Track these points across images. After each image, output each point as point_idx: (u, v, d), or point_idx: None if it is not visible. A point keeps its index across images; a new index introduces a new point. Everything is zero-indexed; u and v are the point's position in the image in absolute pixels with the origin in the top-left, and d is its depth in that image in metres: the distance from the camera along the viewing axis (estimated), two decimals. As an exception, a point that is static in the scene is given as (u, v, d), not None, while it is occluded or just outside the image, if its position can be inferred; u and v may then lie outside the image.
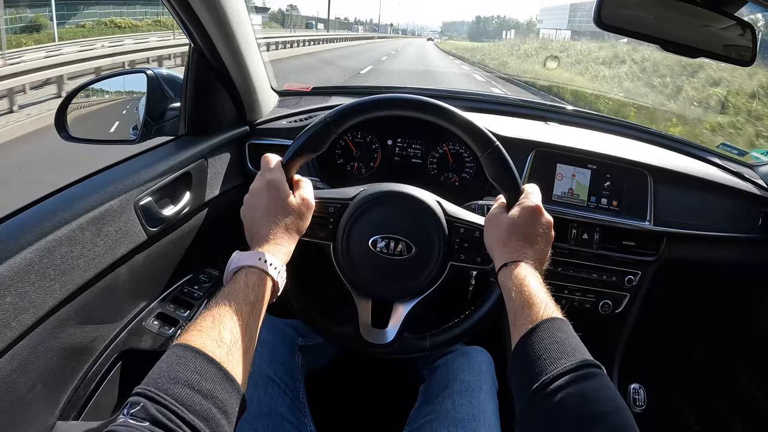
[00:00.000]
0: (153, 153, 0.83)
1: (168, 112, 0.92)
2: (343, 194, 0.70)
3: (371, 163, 1.06)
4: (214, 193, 0.93)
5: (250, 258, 0.55)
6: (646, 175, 0.96)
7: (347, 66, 12.74)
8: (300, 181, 0.65)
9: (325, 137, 0.66)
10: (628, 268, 0.97)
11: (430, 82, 10.44)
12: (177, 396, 0.39)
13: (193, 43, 0.84)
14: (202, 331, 0.45)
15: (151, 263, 0.80)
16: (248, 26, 0.88)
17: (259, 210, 0.60)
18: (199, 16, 0.77)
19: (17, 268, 0.55)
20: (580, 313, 0.98)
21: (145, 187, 0.75)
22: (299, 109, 1.08)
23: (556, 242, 0.93)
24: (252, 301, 0.51)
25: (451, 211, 0.70)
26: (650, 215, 0.95)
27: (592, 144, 0.98)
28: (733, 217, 1.00)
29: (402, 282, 0.70)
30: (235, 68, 0.89)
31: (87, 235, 0.65)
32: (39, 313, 0.58)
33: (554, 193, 0.95)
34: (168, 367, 0.41)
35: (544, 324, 0.50)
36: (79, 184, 0.71)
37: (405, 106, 0.67)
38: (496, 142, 0.66)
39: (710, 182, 1.00)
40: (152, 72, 0.90)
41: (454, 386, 0.76)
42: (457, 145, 1.02)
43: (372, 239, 0.68)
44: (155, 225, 0.77)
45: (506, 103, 1.20)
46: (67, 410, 0.68)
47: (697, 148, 1.16)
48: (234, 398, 0.43)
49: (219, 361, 0.43)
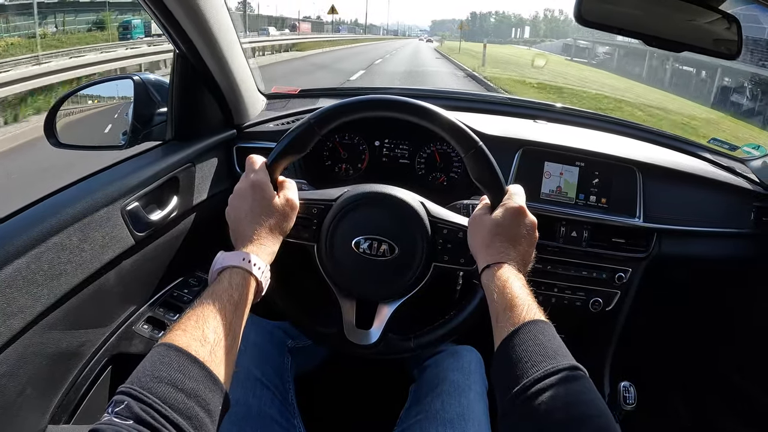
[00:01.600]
0: (140, 158, 0.84)
1: (155, 117, 0.92)
2: (327, 195, 0.71)
3: (359, 165, 1.06)
4: (202, 197, 0.93)
5: (234, 258, 0.55)
6: (635, 172, 0.96)
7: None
8: (284, 182, 0.66)
9: (309, 138, 0.66)
10: (618, 266, 0.97)
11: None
12: (160, 395, 0.39)
13: (177, 48, 0.84)
14: (186, 330, 0.46)
15: (140, 268, 0.80)
16: (231, 30, 0.88)
17: (244, 210, 0.61)
18: (180, 22, 0.77)
19: (5, 274, 0.56)
20: (570, 311, 0.98)
21: (132, 192, 0.75)
22: (286, 111, 1.08)
23: (545, 240, 0.94)
24: (236, 301, 0.51)
25: (435, 212, 0.70)
26: (640, 212, 0.95)
27: (580, 141, 0.98)
28: (725, 212, 1.00)
29: (386, 283, 0.70)
30: (220, 72, 0.89)
31: (74, 241, 0.65)
32: (27, 318, 0.59)
33: (542, 191, 0.95)
34: (152, 366, 0.42)
35: (525, 326, 0.50)
36: (66, 190, 0.72)
37: (388, 107, 0.67)
38: (479, 142, 0.66)
39: (701, 177, 1.00)
40: (139, 77, 0.91)
41: (443, 386, 0.76)
42: (444, 145, 1.02)
43: (355, 240, 0.68)
44: (142, 230, 0.77)
45: (494, 102, 1.20)
46: (57, 414, 0.69)
47: (687, 143, 1.15)
48: (217, 397, 0.44)
49: (202, 361, 0.44)
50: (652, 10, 0.73)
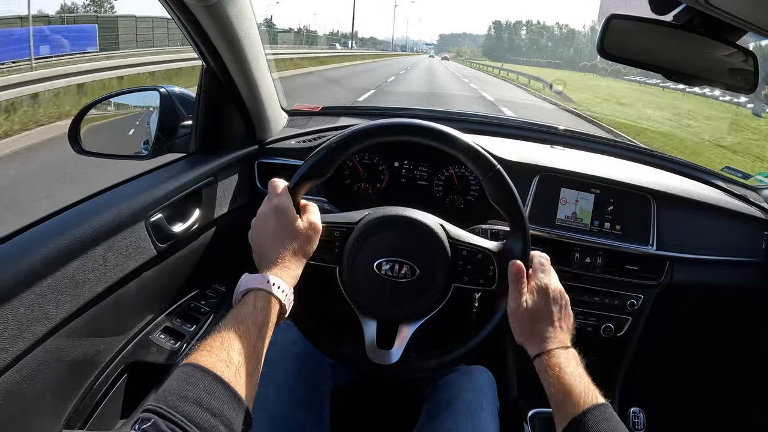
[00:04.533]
0: (165, 170, 0.85)
1: (179, 129, 0.94)
2: (349, 218, 0.72)
3: (378, 184, 1.07)
4: (223, 211, 0.94)
5: (259, 281, 0.56)
6: (649, 200, 0.97)
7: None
8: (307, 206, 0.66)
9: (331, 162, 0.67)
10: (630, 292, 0.97)
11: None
12: (186, 413, 0.40)
13: (206, 63, 0.86)
14: (212, 351, 0.47)
15: (159, 278, 0.81)
16: (259, 47, 0.90)
17: (267, 234, 0.62)
18: (212, 39, 0.79)
19: (31, 281, 0.57)
20: (582, 336, 0.97)
21: (156, 204, 0.77)
22: (308, 129, 1.10)
23: (560, 266, 0.94)
24: (260, 324, 0.52)
25: (455, 234, 0.71)
26: (653, 239, 0.96)
27: (596, 168, 0.99)
28: (737, 240, 1.00)
29: (407, 303, 0.71)
30: (246, 88, 0.91)
31: (99, 250, 0.66)
32: (50, 325, 0.60)
33: (558, 216, 0.96)
34: (178, 386, 0.43)
35: (588, 414, 0.53)
36: (93, 199, 0.73)
37: (408, 131, 0.69)
38: (497, 165, 0.67)
39: (714, 206, 1.00)
40: (165, 89, 0.93)
41: (456, 405, 0.77)
42: (462, 168, 1.03)
43: (377, 262, 0.69)
44: (165, 241, 0.79)
45: (512, 126, 1.21)
46: (72, 420, 0.70)
47: (700, 170, 1.16)
48: (240, 417, 0.44)
49: (227, 381, 0.45)
50: (670, 45, 0.75)
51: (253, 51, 0.87)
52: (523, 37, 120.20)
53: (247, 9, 0.81)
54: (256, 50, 0.89)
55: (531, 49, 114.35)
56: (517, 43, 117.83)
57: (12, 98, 5.02)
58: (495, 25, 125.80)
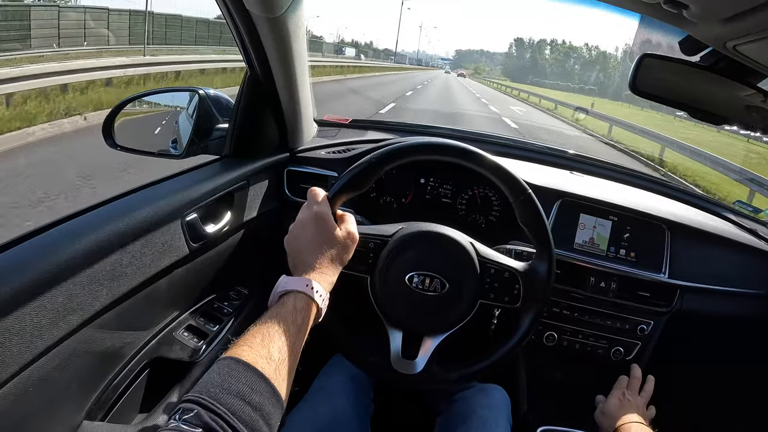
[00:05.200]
0: (201, 171, 0.87)
1: (213, 132, 0.96)
2: (383, 231, 0.74)
3: (403, 199, 1.09)
4: (252, 215, 0.96)
5: (298, 284, 0.57)
6: (664, 229, 1.00)
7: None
8: (345, 215, 0.68)
9: (370, 176, 0.70)
10: (641, 317, 1.00)
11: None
12: (229, 406, 0.41)
13: (251, 68, 0.88)
14: (252, 347, 0.48)
15: (188, 277, 0.82)
16: (305, 56, 0.92)
17: (306, 239, 0.63)
18: (265, 47, 0.81)
19: (70, 271, 0.57)
20: (592, 358, 1.01)
21: (192, 204, 0.78)
22: (338, 140, 1.12)
23: (575, 288, 0.97)
24: (299, 324, 0.54)
25: (484, 253, 0.74)
26: (666, 267, 0.98)
27: (614, 196, 1.02)
28: (746, 273, 1.03)
29: (434, 317, 0.73)
30: (287, 96, 0.93)
31: (137, 246, 0.67)
32: (85, 315, 0.60)
33: (576, 241, 0.99)
34: (220, 378, 0.43)
35: None
36: (131, 195, 0.74)
37: (449, 152, 0.72)
38: (528, 189, 0.71)
39: (725, 238, 1.03)
40: (204, 91, 0.94)
41: (471, 421, 0.79)
42: (486, 189, 1.06)
43: (409, 275, 0.71)
44: (197, 241, 0.80)
45: (533, 150, 1.24)
46: (93, 411, 0.70)
47: (713, 203, 1.20)
48: (278, 413, 0.46)
49: (268, 377, 0.46)
50: (697, 85, 0.78)
51: (300, 62, 0.89)
52: (547, 57, 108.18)
53: (303, 22, 0.83)
54: (303, 61, 0.91)
55: (556, 72, 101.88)
56: (541, 63, 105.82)
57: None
58: (517, 42, 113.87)
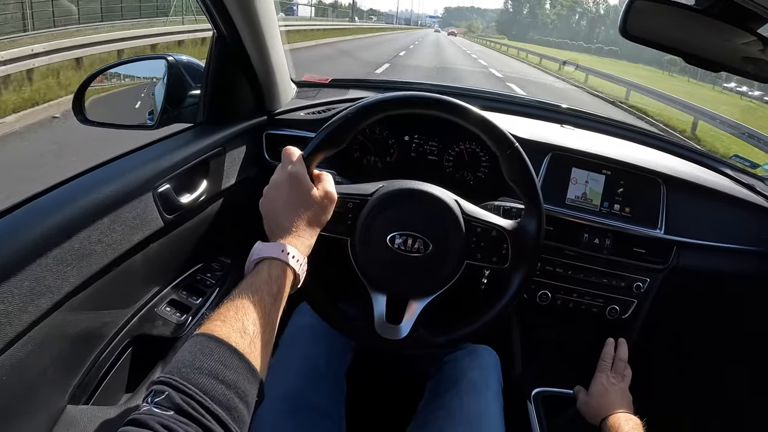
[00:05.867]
0: (172, 140, 0.83)
1: (187, 99, 0.92)
2: (362, 190, 0.71)
3: (387, 158, 1.06)
4: (230, 182, 0.93)
5: (273, 250, 0.54)
6: (660, 183, 0.97)
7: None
8: (322, 175, 0.65)
9: (347, 133, 0.66)
10: (636, 275, 0.98)
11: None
12: (201, 386, 0.39)
13: (217, 30, 0.84)
14: (226, 321, 0.45)
15: (166, 250, 0.80)
16: (273, 15, 0.87)
17: (281, 202, 0.60)
18: (227, 5, 0.77)
19: (36, 253, 0.55)
20: (587, 316, 0.99)
21: (164, 174, 0.75)
22: (317, 101, 1.08)
23: (568, 245, 0.95)
24: (274, 294, 0.51)
25: (469, 210, 0.71)
26: (662, 223, 0.96)
27: (607, 149, 0.98)
28: (743, 229, 1.01)
29: (418, 279, 0.70)
30: (258, 57, 0.89)
31: (105, 222, 0.64)
32: (55, 298, 0.58)
33: (567, 196, 0.96)
34: (191, 356, 0.41)
35: None
36: (99, 169, 0.71)
37: (426, 104, 0.68)
38: (515, 143, 0.67)
39: (722, 193, 1.01)
40: (173, 58, 0.90)
41: (461, 384, 0.77)
42: (473, 145, 1.02)
43: (390, 236, 0.68)
44: (172, 212, 0.77)
45: (522, 104, 1.20)
46: (77, 394, 0.68)
47: (710, 158, 1.16)
48: (255, 388, 0.44)
49: (242, 352, 0.43)
50: (692, 30, 0.74)
51: (267, 19, 0.84)
52: (548, 12, 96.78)
53: None
54: (271, 19, 0.86)
55: (560, 28, 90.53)
56: (542, 20, 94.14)
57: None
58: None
